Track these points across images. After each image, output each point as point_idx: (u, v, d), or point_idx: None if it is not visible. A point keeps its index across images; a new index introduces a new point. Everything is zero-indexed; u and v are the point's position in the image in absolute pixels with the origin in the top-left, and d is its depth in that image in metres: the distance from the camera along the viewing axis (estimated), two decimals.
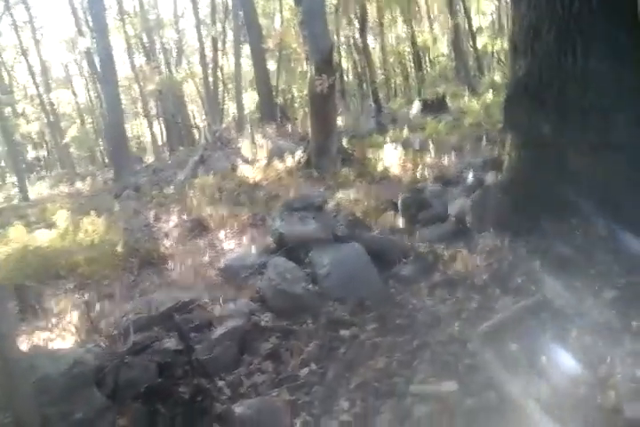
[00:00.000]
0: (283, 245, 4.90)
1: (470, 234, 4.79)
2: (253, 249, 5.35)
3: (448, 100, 15.55)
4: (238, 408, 3.03)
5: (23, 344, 4.73)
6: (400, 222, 5.91)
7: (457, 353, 3.26)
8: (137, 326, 3.77)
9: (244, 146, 13.92)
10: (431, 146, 9.65)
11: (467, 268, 4.21)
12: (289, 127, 17.28)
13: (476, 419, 2.77)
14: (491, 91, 13.85)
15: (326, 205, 6.87)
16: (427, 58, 26.39)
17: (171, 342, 3.59)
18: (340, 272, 4.36)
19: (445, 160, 8.60)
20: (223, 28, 26.56)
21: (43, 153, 31.54)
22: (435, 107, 14.66)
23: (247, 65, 26.43)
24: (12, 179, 21.34)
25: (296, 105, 27.31)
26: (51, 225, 9.84)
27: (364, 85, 23.24)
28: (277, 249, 4.93)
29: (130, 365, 3.31)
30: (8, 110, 24.76)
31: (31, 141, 32.08)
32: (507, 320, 3.46)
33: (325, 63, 10.07)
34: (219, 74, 26.20)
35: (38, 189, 20.49)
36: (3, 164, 28.38)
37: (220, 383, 3.36)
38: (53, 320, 5.44)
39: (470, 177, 6.09)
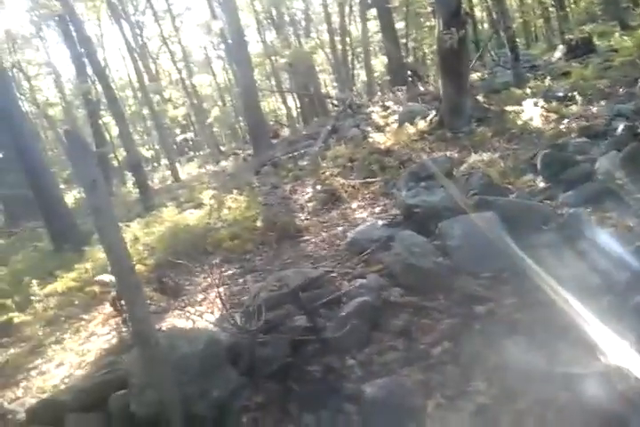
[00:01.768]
0: (409, 216, 4.71)
1: (621, 194, 4.23)
2: (379, 222, 5.21)
3: (596, 39, 13.95)
4: (368, 388, 2.98)
5: (178, 319, 5.19)
6: (541, 184, 5.41)
7: (606, 331, 2.91)
8: (269, 303, 3.85)
9: (374, 112, 13.69)
10: (577, 94, 8.72)
11: (618, 233, 3.73)
12: (420, 87, 16.69)
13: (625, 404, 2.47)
14: None
15: (458, 168, 6.53)
16: None
17: (301, 320, 3.63)
18: (473, 244, 4.08)
19: (593, 109, 7.71)
20: None
21: (190, 135, 33.73)
22: (581, 49, 13.22)
23: (375, 26, 25.77)
24: (165, 161, 23.15)
25: (428, 62, 26.24)
26: (198, 204, 10.55)
27: (501, 33, 21.61)
28: (404, 221, 4.75)
29: (263, 343, 3.40)
30: (156, 97, 26.70)
31: (179, 125, 34.42)
32: None
33: (454, 16, 9.43)
34: (347, 40, 25.90)
35: (188, 170, 22.03)
36: (157, 147, 30.89)
37: (351, 362, 3.32)
38: (202, 296, 5.85)
39: (621, 128, 5.34)
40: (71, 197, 18.63)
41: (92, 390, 3.35)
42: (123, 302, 4.98)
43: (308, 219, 7.87)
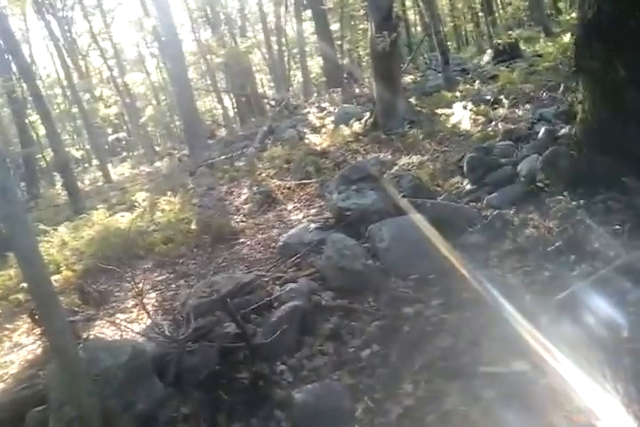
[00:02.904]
0: (341, 219, 4.74)
1: (542, 196, 4.41)
2: (312, 225, 5.22)
3: (522, 44, 14.52)
4: (298, 394, 2.97)
5: (105, 329, 5.02)
6: (467, 186, 5.57)
7: (529, 329, 3.02)
8: (198, 310, 3.78)
9: (311, 113, 13.75)
10: (503, 97, 9.04)
11: (539, 233, 3.88)
12: (356, 89, 16.88)
13: (549, 401, 2.56)
14: (568, 31, 12.74)
15: (390, 170, 6.63)
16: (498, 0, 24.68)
17: (231, 327, 3.58)
18: (402, 246, 4.15)
19: (518, 112, 8.02)
20: None
21: (123, 134, 32.82)
22: (508, 53, 13.74)
23: (311, 27, 25.86)
24: (96, 162, 22.46)
25: (363, 64, 26.56)
26: (131, 207, 10.27)
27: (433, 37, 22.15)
28: (336, 224, 4.78)
29: (191, 352, 3.33)
30: (87, 96, 25.83)
31: (111, 124, 33.43)
32: (583, 291, 3.16)
33: (385, 19, 9.58)
34: (282, 40, 25.86)
35: (121, 171, 21.43)
36: (88, 147, 29.87)
37: (281, 368, 3.30)
38: (133, 302, 5.69)
39: (542, 131, 5.58)
40: None
41: (9, 406, 3.19)
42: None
43: (243, 221, 7.81)
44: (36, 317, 5.04)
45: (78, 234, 8.72)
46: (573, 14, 13.60)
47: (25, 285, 6.65)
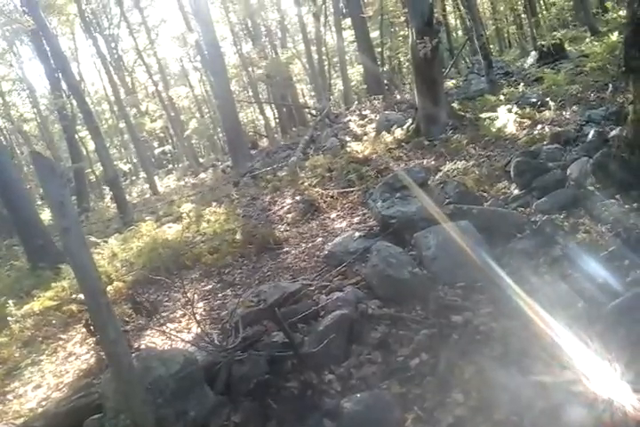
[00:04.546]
0: (386, 227, 4.71)
1: (593, 200, 4.28)
2: (356, 233, 5.20)
3: (567, 45, 14.18)
4: (347, 404, 2.96)
5: (156, 338, 5.13)
6: (515, 191, 5.45)
7: (580, 338, 2.93)
8: (246, 319, 3.83)
9: (352, 121, 13.76)
10: (549, 100, 8.84)
11: (590, 239, 3.77)
12: (397, 95, 16.83)
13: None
14: (615, 30, 12.36)
15: (434, 176, 6.57)
16: (541, 1, 24.16)
17: (279, 336, 3.60)
18: (449, 254, 4.10)
19: (565, 115, 7.82)
20: (323, 1, 26.15)
21: (168, 147, 33.63)
22: (553, 55, 13.43)
23: (351, 36, 25.93)
24: (143, 174, 23.02)
25: (404, 70, 26.43)
26: (178, 218, 10.47)
27: (474, 41, 21.84)
28: (381, 232, 4.75)
29: (240, 360, 3.37)
30: (133, 111, 26.56)
31: (157, 137, 34.30)
32: (639, 297, 3.05)
33: (426, 25, 9.56)
34: (322, 49, 26.01)
35: (167, 183, 21.91)
36: (135, 160, 30.70)
37: (329, 377, 3.30)
38: (181, 312, 5.78)
39: (592, 134, 5.42)
40: (48, 214, 18.39)
41: (66, 415, 3.29)
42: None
43: (287, 230, 7.84)
44: (91, 327, 5.18)
45: (127, 245, 8.94)
46: (621, 12, 13.21)
47: (77, 296, 6.88)
